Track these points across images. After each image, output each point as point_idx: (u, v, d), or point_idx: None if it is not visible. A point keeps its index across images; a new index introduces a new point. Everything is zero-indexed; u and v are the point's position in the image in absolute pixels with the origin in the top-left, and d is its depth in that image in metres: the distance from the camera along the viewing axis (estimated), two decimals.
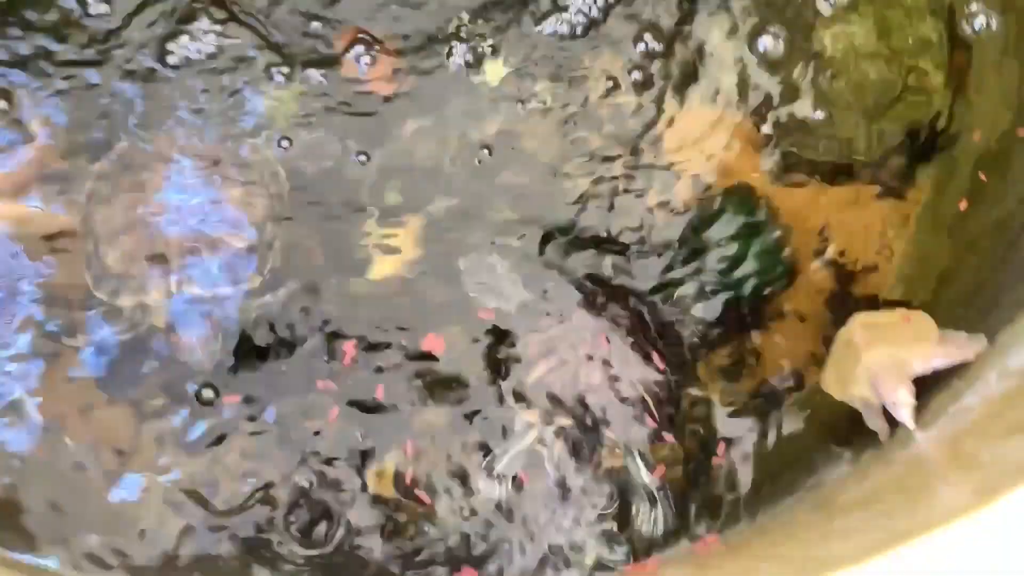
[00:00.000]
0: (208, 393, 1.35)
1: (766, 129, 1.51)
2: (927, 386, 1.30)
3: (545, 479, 1.34)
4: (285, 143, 1.44)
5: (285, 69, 1.47)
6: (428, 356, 1.39)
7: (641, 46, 1.51)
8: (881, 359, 1.29)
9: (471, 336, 1.40)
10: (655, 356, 1.41)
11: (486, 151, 1.47)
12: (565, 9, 1.50)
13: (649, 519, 1.32)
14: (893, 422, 1.28)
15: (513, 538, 1.33)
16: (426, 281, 1.43)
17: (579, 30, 1.51)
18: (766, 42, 1.51)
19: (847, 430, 1.36)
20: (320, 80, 1.46)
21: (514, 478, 1.34)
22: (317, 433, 1.35)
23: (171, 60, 1.45)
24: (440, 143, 1.48)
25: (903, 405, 1.24)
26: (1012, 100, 1.51)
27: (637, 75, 1.50)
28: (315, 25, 1.49)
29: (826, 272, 1.48)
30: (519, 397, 1.37)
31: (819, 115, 1.51)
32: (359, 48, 1.48)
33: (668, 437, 1.37)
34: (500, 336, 1.40)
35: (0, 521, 1.30)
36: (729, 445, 1.39)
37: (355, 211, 1.44)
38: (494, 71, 1.50)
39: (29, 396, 1.34)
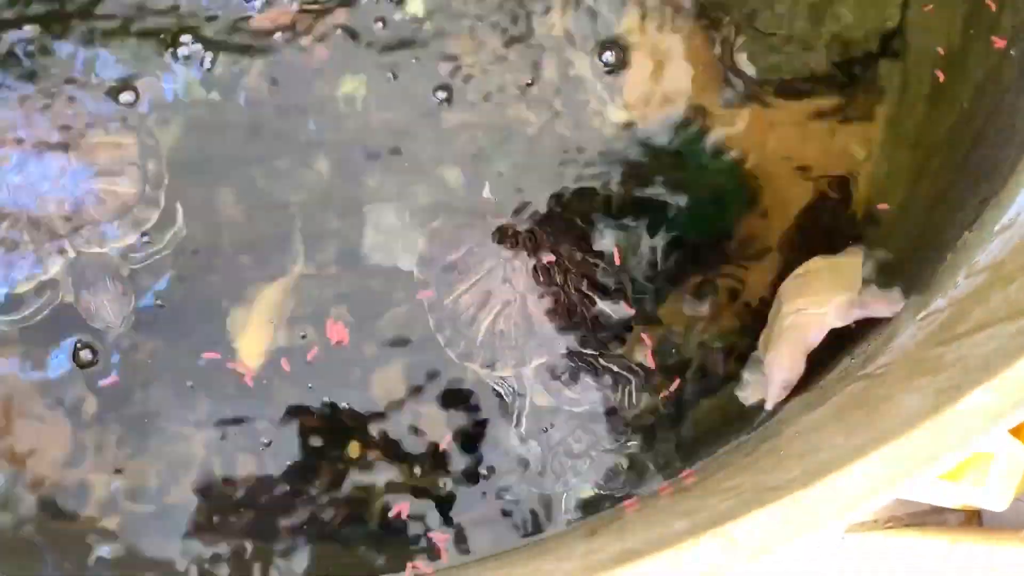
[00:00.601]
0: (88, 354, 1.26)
1: (717, 46, 1.41)
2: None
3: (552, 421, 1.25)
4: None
5: None
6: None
7: None
8: (792, 319, 1.21)
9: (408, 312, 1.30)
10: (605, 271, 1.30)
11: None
12: None
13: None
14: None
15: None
16: None
17: None
18: None
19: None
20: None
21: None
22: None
23: None
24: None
25: (773, 382, 1.21)
26: None
27: None
28: None
29: (791, 192, 1.37)
30: (478, 358, 1.25)
31: (771, 29, 1.40)
32: None
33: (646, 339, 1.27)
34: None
35: None
36: (685, 377, 1.29)
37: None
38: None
39: None
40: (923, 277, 1.24)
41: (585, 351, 1.25)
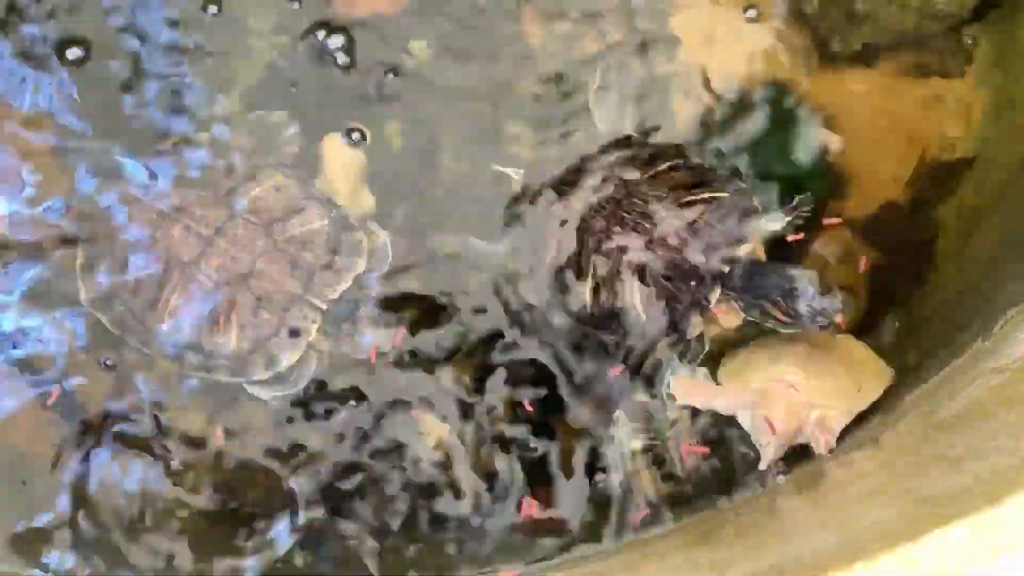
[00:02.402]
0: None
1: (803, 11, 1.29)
2: None
3: None
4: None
5: None
6: None
7: None
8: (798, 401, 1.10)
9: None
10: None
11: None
12: None
13: None
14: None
15: None
16: None
17: None
18: None
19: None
20: None
21: None
22: None
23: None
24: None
25: (767, 446, 1.08)
26: None
27: None
28: None
29: (881, 168, 1.26)
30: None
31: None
32: None
33: None
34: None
35: None
36: None
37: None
38: None
39: None
40: None
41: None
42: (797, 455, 1.10)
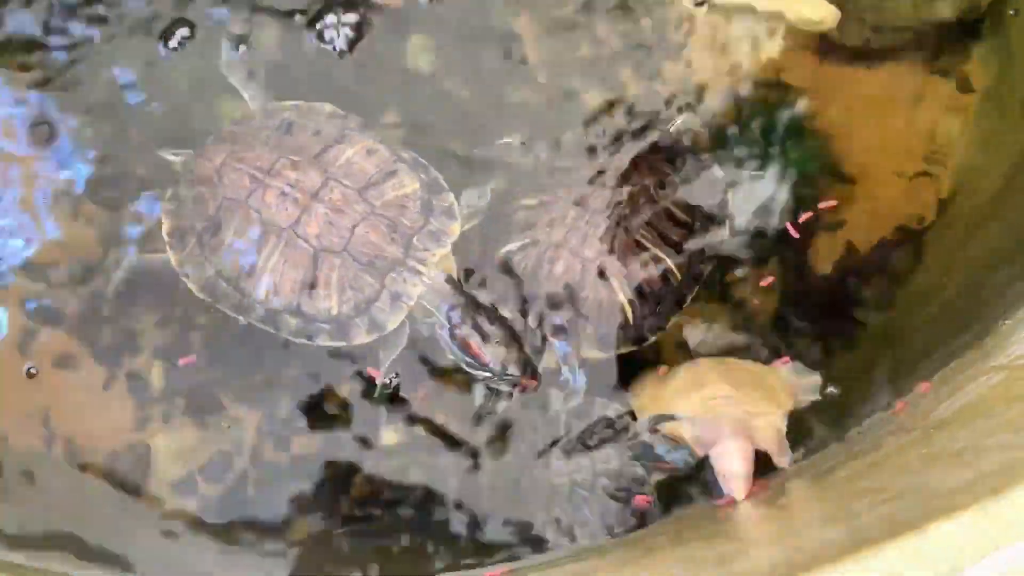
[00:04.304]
0: None
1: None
2: None
3: None
4: None
5: None
6: None
7: None
8: (728, 406, 1.10)
9: None
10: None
11: None
12: None
13: None
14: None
15: None
16: None
17: None
18: None
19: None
20: None
21: None
22: None
23: None
24: None
25: (736, 476, 1.07)
26: None
27: None
28: None
29: (876, 169, 1.28)
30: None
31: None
32: None
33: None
34: None
35: None
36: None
37: None
38: None
39: None
40: None
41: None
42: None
